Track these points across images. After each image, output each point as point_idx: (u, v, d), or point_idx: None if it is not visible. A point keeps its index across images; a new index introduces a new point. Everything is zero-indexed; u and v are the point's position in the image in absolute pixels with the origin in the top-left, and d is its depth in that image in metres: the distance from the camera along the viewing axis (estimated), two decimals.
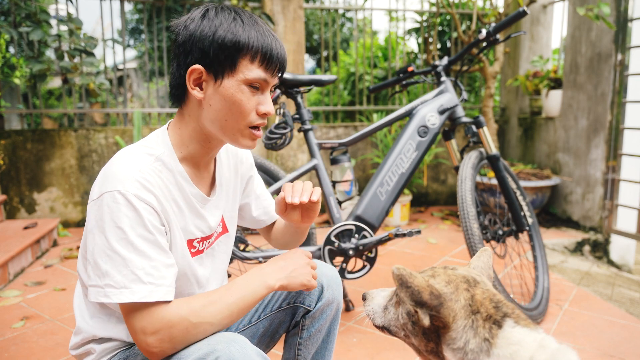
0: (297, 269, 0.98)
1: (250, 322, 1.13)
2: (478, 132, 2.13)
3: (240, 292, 0.90)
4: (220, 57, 0.90)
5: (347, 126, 4.13)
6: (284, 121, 1.98)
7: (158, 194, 0.90)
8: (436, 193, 4.43)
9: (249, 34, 0.91)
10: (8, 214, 3.42)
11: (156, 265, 0.85)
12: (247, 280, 0.93)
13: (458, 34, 4.00)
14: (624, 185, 3.25)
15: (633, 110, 3.20)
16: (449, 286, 0.82)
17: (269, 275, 0.95)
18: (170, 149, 0.96)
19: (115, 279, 0.82)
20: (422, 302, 0.79)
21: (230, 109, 0.92)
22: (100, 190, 0.86)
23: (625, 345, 1.84)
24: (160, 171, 0.93)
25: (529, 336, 0.76)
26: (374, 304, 0.97)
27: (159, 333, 0.82)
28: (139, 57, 10.50)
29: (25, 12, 3.24)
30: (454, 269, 0.89)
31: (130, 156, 0.91)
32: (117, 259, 0.82)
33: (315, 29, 10.88)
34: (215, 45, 0.90)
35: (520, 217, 2.17)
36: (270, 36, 0.94)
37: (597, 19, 3.03)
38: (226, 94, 0.92)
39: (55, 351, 1.79)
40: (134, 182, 0.86)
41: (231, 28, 0.90)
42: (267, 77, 0.93)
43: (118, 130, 3.61)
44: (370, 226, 1.95)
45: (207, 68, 0.91)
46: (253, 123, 0.95)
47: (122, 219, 0.83)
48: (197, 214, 1.01)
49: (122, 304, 0.84)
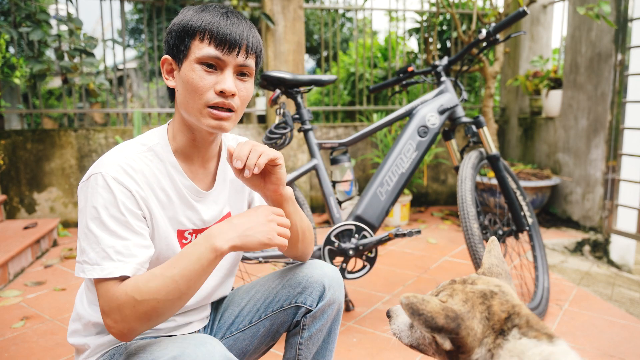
0: (253, 227, 0.90)
1: (252, 322, 1.13)
2: (478, 132, 2.13)
3: (185, 262, 0.86)
4: (177, 43, 0.96)
5: (347, 126, 4.13)
6: (284, 121, 1.98)
7: (140, 180, 0.93)
8: (436, 193, 4.43)
9: (199, 17, 0.94)
10: (8, 214, 3.42)
11: (127, 245, 0.88)
12: (192, 247, 0.88)
13: (458, 34, 4.00)
14: (624, 185, 3.25)
15: (633, 110, 3.20)
16: (466, 305, 0.79)
17: (216, 237, 0.88)
18: (165, 141, 1.01)
19: (90, 256, 0.87)
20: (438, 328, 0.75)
21: (187, 90, 0.95)
22: (88, 173, 0.92)
23: (625, 345, 1.84)
24: (150, 160, 0.97)
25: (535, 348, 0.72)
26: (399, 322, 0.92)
27: (112, 313, 0.84)
28: (139, 57, 10.50)
29: (25, 12, 3.24)
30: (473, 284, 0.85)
31: (122, 146, 0.97)
32: (91, 237, 0.87)
33: (315, 29, 10.88)
34: (173, 34, 0.97)
35: (520, 217, 2.17)
36: (224, 16, 0.95)
37: (597, 18, 3.03)
38: (183, 75, 0.96)
39: (55, 351, 1.79)
40: (116, 166, 0.91)
41: (187, 16, 0.96)
42: (220, 54, 0.93)
43: (118, 130, 3.61)
44: (370, 226, 1.95)
45: (172, 57, 0.98)
46: (210, 102, 0.94)
47: (97, 199, 0.88)
48: (189, 205, 1.02)
49: (95, 282, 0.87)
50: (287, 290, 1.12)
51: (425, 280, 2.50)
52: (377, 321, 2.02)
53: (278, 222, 0.94)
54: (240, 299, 1.17)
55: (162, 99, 5.19)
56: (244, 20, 0.98)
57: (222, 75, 0.95)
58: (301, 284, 1.11)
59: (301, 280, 1.11)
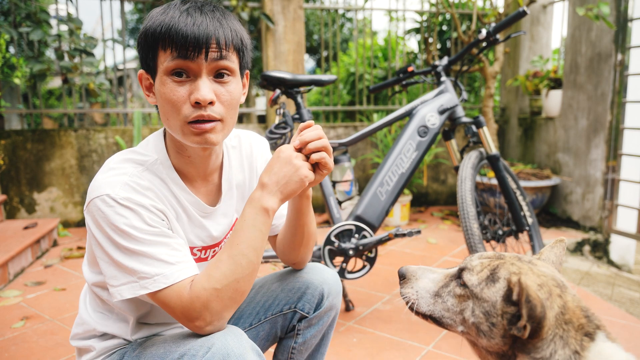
0: (287, 173, 0.87)
1: (251, 324, 1.12)
2: (478, 132, 2.13)
3: (244, 234, 0.85)
4: (144, 56, 0.88)
5: (347, 126, 4.13)
6: (284, 121, 1.98)
7: (151, 196, 0.88)
8: (436, 193, 4.43)
9: (160, 21, 0.83)
10: (8, 214, 3.42)
11: (174, 247, 0.85)
12: (243, 219, 0.87)
13: (458, 34, 4.00)
14: (624, 185, 3.25)
15: (633, 110, 3.19)
16: (542, 290, 0.73)
17: (261, 199, 0.87)
18: (164, 156, 0.93)
19: (145, 270, 0.82)
20: (533, 317, 0.69)
21: (163, 107, 0.87)
22: (90, 197, 0.85)
23: (626, 346, 1.83)
24: (150, 180, 0.90)
25: (620, 354, 0.71)
26: (419, 287, 0.83)
27: (201, 315, 0.82)
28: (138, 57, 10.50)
29: (25, 12, 3.24)
30: (533, 264, 0.78)
31: (116, 164, 0.89)
32: (136, 255, 0.82)
33: (315, 29, 10.88)
34: (140, 45, 0.87)
35: (520, 217, 2.17)
36: (184, 15, 0.83)
37: (597, 19, 3.03)
38: (157, 91, 0.88)
39: (55, 351, 1.79)
40: (124, 185, 0.85)
41: (150, 23, 0.85)
42: (184, 60, 0.83)
43: (118, 130, 3.61)
44: (370, 226, 1.95)
45: (146, 71, 0.90)
46: (189, 118, 0.84)
47: (118, 220, 0.82)
48: (197, 222, 0.98)
49: (158, 293, 0.83)
50: (287, 295, 1.10)
51: None
52: (377, 321, 2.02)
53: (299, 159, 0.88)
54: None
55: None
56: (211, 12, 0.85)
57: (195, 83, 0.84)
58: (300, 289, 1.09)
59: (300, 285, 1.10)
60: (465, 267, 0.81)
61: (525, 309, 0.69)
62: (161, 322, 1.03)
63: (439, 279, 0.84)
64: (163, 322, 1.04)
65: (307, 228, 1.05)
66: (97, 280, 0.97)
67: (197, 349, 0.82)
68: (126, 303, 0.95)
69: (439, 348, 1.78)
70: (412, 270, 0.85)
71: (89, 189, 0.87)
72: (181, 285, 0.83)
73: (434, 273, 0.85)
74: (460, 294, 0.79)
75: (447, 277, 0.83)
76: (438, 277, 0.84)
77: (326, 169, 0.90)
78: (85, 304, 1.01)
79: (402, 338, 1.87)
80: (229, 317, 0.85)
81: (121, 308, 0.96)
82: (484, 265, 0.79)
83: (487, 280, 0.77)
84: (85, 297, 1.03)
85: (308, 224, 1.04)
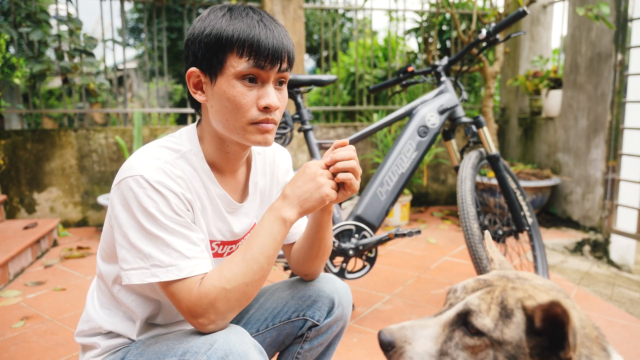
0: (309, 189, 0.89)
1: (258, 330, 1.12)
2: (478, 132, 2.13)
3: (259, 240, 0.87)
4: (208, 56, 0.88)
5: (347, 126, 4.13)
6: (284, 121, 1.98)
7: (182, 185, 0.90)
8: (436, 193, 4.43)
9: (233, 27, 0.87)
10: (8, 214, 3.42)
11: (194, 241, 0.87)
12: (261, 226, 0.89)
13: (458, 34, 4.00)
14: (624, 185, 3.25)
15: (633, 110, 3.20)
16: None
17: (281, 209, 0.89)
18: (197, 147, 0.96)
19: (160, 259, 0.83)
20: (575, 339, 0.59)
21: (227, 108, 0.89)
22: (122, 175, 0.86)
23: (625, 345, 1.84)
24: (183, 168, 0.92)
25: None
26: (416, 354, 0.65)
27: (206, 312, 0.83)
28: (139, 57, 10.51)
29: (25, 12, 3.24)
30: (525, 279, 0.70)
31: (152, 149, 0.91)
32: (156, 240, 0.84)
33: (315, 29, 10.88)
34: (202, 45, 0.88)
35: (520, 217, 2.17)
36: (261, 25, 0.88)
37: (596, 20, 3.03)
38: (220, 92, 0.89)
39: (55, 351, 1.79)
40: (158, 169, 0.87)
41: (217, 25, 0.87)
42: (262, 69, 0.88)
43: (118, 130, 3.61)
44: (370, 226, 1.95)
45: (203, 70, 0.90)
46: (255, 119, 0.90)
47: (147, 202, 0.83)
48: (221, 216, 1.00)
49: (169, 284, 0.84)
50: (297, 302, 1.10)
51: (425, 280, 2.50)
52: (377, 321, 2.02)
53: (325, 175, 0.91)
54: (249, 305, 1.16)
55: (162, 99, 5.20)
56: (279, 26, 0.92)
57: (263, 89, 0.90)
58: (311, 297, 1.09)
59: (311, 293, 1.10)
60: (469, 310, 0.66)
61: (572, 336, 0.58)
62: (168, 323, 1.03)
63: (437, 333, 0.67)
64: (170, 324, 1.04)
65: (325, 242, 1.06)
66: (110, 272, 0.97)
67: (199, 346, 0.82)
68: (136, 299, 0.96)
69: None
70: (398, 334, 0.67)
71: (120, 168, 0.89)
72: (192, 281, 0.84)
73: (426, 327, 0.68)
74: (475, 344, 0.64)
75: (445, 328, 0.68)
76: (434, 332, 0.67)
77: (351, 190, 0.93)
78: (93, 300, 1.02)
79: None
80: (231, 318, 0.86)
81: (129, 307, 0.96)
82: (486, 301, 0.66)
83: (501, 317, 0.64)
84: (94, 293, 1.03)
85: (326, 238, 1.06)
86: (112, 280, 0.97)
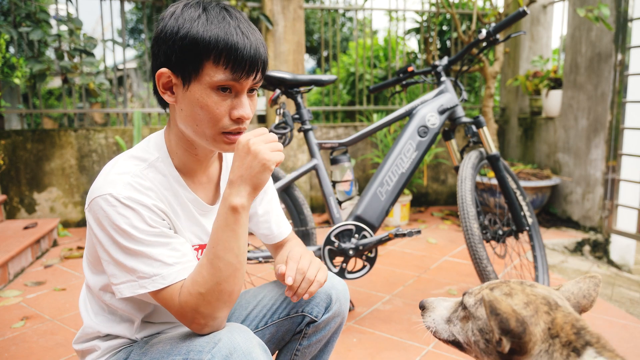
0: (247, 164, 0.84)
1: (257, 327, 1.12)
2: (478, 132, 2.13)
3: (217, 235, 0.85)
4: (183, 60, 0.85)
5: (347, 126, 4.13)
6: (284, 121, 1.98)
7: (152, 196, 0.89)
8: (436, 193, 4.43)
9: (211, 33, 0.84)
10: (8, 214, 3.42)
11: (174, 247, 0.87)
12: (217, 220, 0.87)
13: (458, 34, 4.00)
14: (624, 185, 3.25)
15: (633, 110, 3.19)
16: (528, 308, 0.77)
17: (229, 197, 0.86)
18: (165, 154, 0.95)
19: (144, 270, 0.84)
20: (508, 330, 0.72)
21: (199, 115, 0.87)
22: (92, 195, 0.86)
23: (625, 345, 1.84)
24: (152, 178, 0.91)
25: None
26: (435, 315, 0.91)
27: (195, 318, 0.84)
28: (138, 57, 10.50)
29: (25, 12, 3.24)
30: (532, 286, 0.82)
31: (118, 165, 0.90)
32: (136, 254, 0.84)
33: (315, 29, 10.88)
34: (176, 48, 0.85)
35: (520, 217, 2.17)
36: (239, 32, 0.85)
37: (596, 21, 3.03)
38: (193, 99, 0.86)
39: (55, 351, 1.79)
40: (126, 185, 0.86)
41: (192, 28, 0.84)
42: (236, 79, 0.86)
43: (118, 130, 3.61)
44: (370, 226, 1.95)
45: (175, 72, 0.87)
46: (227, 129, 0.88)
47: (119, 220, 0.83)
48: (194, 220, 0.99)
49: (157, 293, 0.85)
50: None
51: (425, 280, 2.50)
52: (377, 321, 2.02)
53: (267, 139, 0.87)
54: (247, 302, 1.16)
55: None
56: (255, 31, 0.89)
57: (237, 99, 0.88)
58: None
59: None
60: (467, 291, 0.89)
61: (493, 322, 0.73)
62: (165, 320, 1.04)
63: (451, 306, 0.91)
64: (167, 321, 1.04)
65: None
66: (98, 281, 0.97)
67: (203, 345, 0.83)
68: (130, 304, 0.96)
69: (439, 348, 1.78)
70: (430, 301, 0.94)
71: (91, 188, 0.88)
72: (177, 287, 0.85)
73: (448, 301, 0.93)
74: (464, 316, 0.86)
75: (457, 304, 0.90)
76: (450, 305, 0.92)
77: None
78: (87, 309, 1.01)
79: (402, 338, 1.87)
80: (223, 316, 0.86)
81: (125, 310, 0.96)
82: (482, 288, 0.85)
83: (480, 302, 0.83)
84: (85, 301, 1.02)
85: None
86: (102, 289, 0.96)
